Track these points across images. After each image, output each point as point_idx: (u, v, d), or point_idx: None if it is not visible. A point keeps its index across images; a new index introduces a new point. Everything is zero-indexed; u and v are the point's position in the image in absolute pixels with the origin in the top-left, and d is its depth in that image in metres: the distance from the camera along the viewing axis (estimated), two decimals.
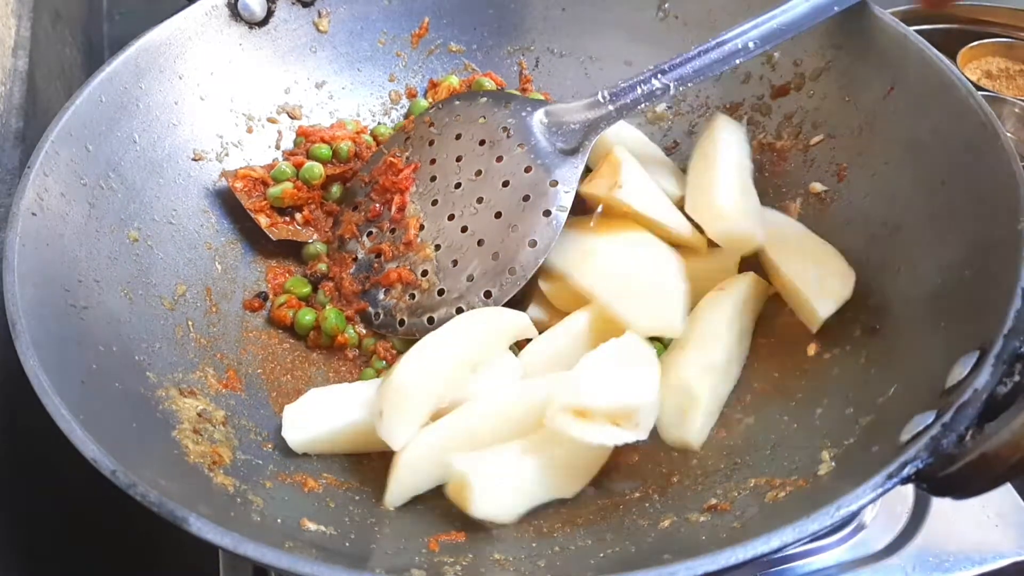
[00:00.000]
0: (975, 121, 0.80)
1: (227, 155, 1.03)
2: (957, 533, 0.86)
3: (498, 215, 0.93)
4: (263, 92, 1.08)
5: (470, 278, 0.92)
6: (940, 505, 0.88)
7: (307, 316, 0.96)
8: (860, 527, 0.87)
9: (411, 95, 1.16)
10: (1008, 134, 0.79)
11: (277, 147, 1.08)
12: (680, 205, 0.98)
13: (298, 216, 1.03)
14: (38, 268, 0.76)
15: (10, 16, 1.06)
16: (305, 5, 1.09)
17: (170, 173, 0.97)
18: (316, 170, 1.02)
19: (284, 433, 0.83)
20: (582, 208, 0.97)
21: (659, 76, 0.93)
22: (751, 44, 0.92)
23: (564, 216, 0.91)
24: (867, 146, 0.93)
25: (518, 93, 1.12)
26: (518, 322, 0.88)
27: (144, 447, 0.72)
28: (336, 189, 1.06)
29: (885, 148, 0.91)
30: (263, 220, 1.00)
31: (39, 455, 0.78)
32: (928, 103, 0.87)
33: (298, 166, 1.03)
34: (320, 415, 0.84)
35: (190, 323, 0.90)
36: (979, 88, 1.33)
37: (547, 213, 0.91)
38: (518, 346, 0.90)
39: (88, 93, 0.89)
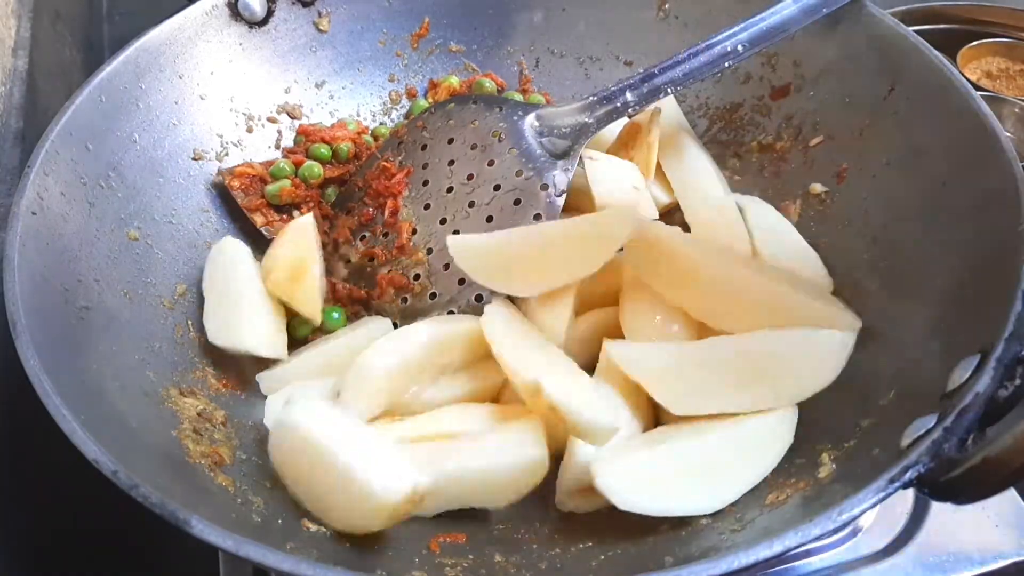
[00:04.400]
0: (975, 122, 0.80)
1: (227, 154, 1.03)
2: (957, 533, 0.86)
3: (489, 219, 0.93)
4: (263, 92, 1.08)
5: (461, 281, 0.92)
6: (940, 505, 0.87)
7: (303, 327, 0.94)
8: (860, 528, 0.87)
9: (411, 95, 1.16)
10: (1008, 134, 0.80)
11: (277, 147, 1.08)
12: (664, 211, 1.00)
13: (296, 214, 1.02)
14: (38, 268, 0.76)
15: (10, 16, 1.05)
16: (305, 5, 1.09)
17: (170, 172, 0.97)
18: (315, 169, 1.02)
19: (266, 421, 0.83)
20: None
21: (649, 80, 0.93)
22: (740, 47, 0.92)
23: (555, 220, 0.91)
24: (867, 147, 0.93)
25: (515, 96, 1.12)
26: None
27: (144, 447, 0.72)
28: (331, 191, 1.06)
29: (885, 149, 0.91)
30: (258, 219, 1.00)
31: (39, 455, 0.78)
32: (928, 104, 0.87)
33: (297, 164, 1.03)
34: None
35: (190, 323, 0.90)
36: (979, 88, 1.33)
37: (537, 217, 0.91)
38: None
39: (88, 93, 0.88)
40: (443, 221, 0.95)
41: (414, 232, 0.97)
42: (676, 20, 1.10)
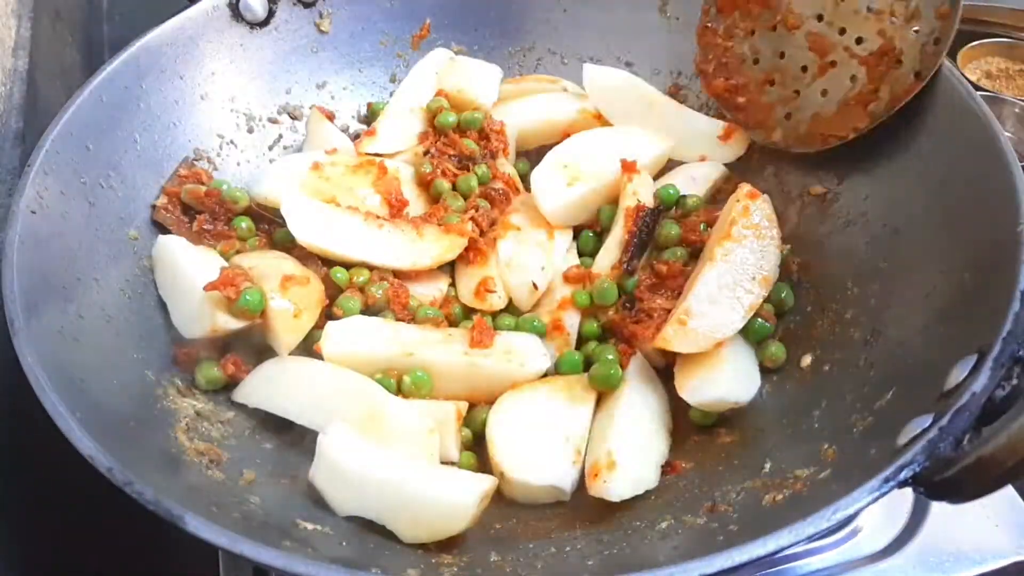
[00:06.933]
0: (975, 122, 0.80)
1: (227, 155, 1.03)
2: (957, 533, 0.86)
3: None
4: (264, 92, 1.08)
5: None
6: (940, 505, 0.87)
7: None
8: (860, 528, 0.87)
9: None
10: (1008, 134, 0.79)
11: (276, 146, 1.09)
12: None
13: (199, 218, 0.96)
14: (37, 266, 0.77)
15: (10, 16, 1.06)
16: (306, 6, 1.09)
17: (170, 172, 0.97)
18: (237, 194, 0.97)
19: (322, 344, 0.83)
20: None
21: None
22: None
23: None
24: (867, 148, 0.93)
25: None
26: None
27: (142, 445, 0.72)
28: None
29: (885, 149, 0.91)
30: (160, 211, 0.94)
31: (38, 453, 0.78)
32: (928, 104, 0.87)
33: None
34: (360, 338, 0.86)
35: None
36: (979, 88, 1.33)
37: None
38: None
39: (89, 92, 0.89)
40: None
41: None
42: (676, 21, 1.10)
